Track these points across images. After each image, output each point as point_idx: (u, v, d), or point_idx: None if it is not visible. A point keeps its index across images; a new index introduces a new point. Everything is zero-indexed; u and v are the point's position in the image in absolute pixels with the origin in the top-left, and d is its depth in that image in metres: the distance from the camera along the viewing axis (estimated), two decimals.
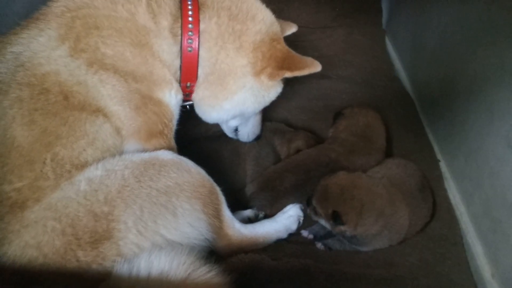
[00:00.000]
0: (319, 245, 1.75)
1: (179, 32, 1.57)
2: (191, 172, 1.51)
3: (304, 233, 1.81)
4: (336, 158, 1.92)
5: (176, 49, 1.59)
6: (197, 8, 1.58)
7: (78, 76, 1.43)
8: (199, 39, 1.59)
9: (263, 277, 1.55)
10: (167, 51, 1.59)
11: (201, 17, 1.59)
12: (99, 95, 1.46)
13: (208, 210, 1.50)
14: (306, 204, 1.74)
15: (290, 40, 3.04)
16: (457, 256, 1.76)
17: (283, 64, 1.64)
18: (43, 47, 1.42)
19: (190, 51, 1.59)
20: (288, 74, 1.64)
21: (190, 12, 1.56)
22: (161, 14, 1.56)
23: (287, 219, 1.80)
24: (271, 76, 1.65)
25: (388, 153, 2.12)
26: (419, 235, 1.80)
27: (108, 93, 1.48)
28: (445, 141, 2.17)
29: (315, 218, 1.73)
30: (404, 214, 1.68)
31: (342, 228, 1.60)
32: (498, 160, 1.66)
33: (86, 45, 1.45)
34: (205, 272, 1.31)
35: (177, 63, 1.62)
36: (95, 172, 1.38)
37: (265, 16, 1.70)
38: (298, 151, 2.03)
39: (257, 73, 1.67)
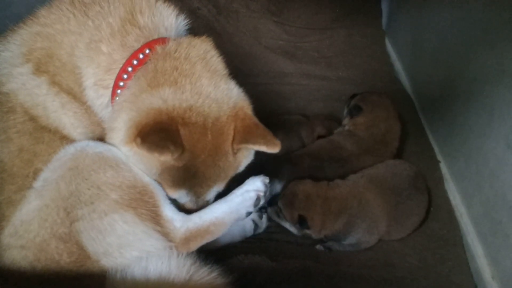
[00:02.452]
0: (318, 246, 1.75)
1: (111, 84, 1.37)
2: (119, 169, 1.32)
3: (319, 247, 1.78)
4: (347, 157, 1.96)
5: (100, 102, 1.40)
6: (139, 65, 1.36)
7: (37, 97, 1.35)
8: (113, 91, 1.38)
9: (262, 278, 1.55)
10: (90, 102, 1.41)
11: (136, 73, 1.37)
12: (61, 123, 1.39)
13: (144, 216, 1.33)
14: (268, 204, 1.76)
15: (290, 41, 3.06)
16: (457, 257, 1.76)
17: (143, 132, 1.23)
18: (5, 63, 1.37)
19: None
20: (136, 147, 1.24)
21: (129, 68, 1.35)
22: (92, 60, 1.37)
23: (241, 195, 1.51)
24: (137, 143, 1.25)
25: None
26: (419, 236, 1.80)
27: (71, 121, 1.40)
28: (445, 142, 2.17)
29: (276, 219, 1.76)
30: (378, 205, 1.72)
31: (308, 231, 1.70)
32: (498, 161, 1.65)
33: (46, 68, 1.37)
34: (207, 273, 1.30)
35: (105, 113, 1.43)
36: (43, 176, 1.31)
37: (198, 95, 1.32)
38: (319, 137, 2.12)
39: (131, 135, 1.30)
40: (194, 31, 2.98)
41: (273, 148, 1.37)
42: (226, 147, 1.36)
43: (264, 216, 1.77)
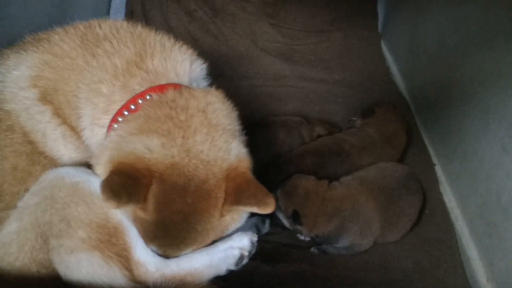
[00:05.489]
0: (313, 248, 1.75)
1: (106, 123, 1.32)
2: (92, 205, 1.26)
3: (301, 237, 1.80)
4: (348, 150, 1.96)
5: (95, 140, 1.36)
6: (136, 111, 1.30)
7: (38, 123, 1.34)
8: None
9: (258, 282, 1.55)
10: (88, 141, 1.38)
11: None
12: (58, 153, 1.37)
13: (111, 259, 1.27)
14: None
15: (287, 44, 3.07)
16: (452, 259, 1.76)
17: (114, 170, 1.19)
18: (12, 82, 1.35)
19: None
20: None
21: (126, 112, 1.29)
22: (90, 101, 1.32)
23: (224, 251, 1.40)
24: None
25: None
26: (414, 238, 1.80)
27: (70, 155, 1.38)
28: (440, 145, 2.18)
29: None
30: (370, 207, 1.71)
31: (299, 227, 1.70)
32: (493, 163, 1.66)
33: (51, 99, 1.35)
34: None
35: None
36: (25, 198, 1.29)
37: (187, 153, 1.21)
38: (319, 136, 2.13)
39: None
40: (190, 34, 3.00)
41: (265, 209, 1.22)
42: (212, 211, 1.25)
43: (267, 222, 1.75)
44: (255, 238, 1.46)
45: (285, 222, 1.74)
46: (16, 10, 1.91)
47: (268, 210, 1.21)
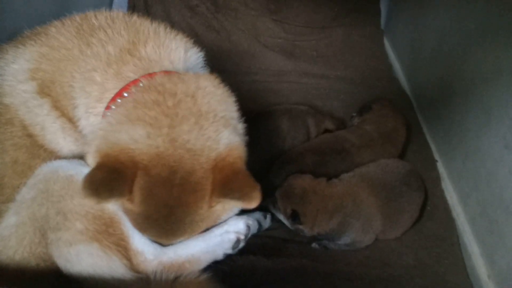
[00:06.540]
0: (314, 244, 1.76)
1: (101, 112, 1.30)
2: None
3: (314, 245, 1.78)
4: (348, 148, 1.96)
5: (91, 129, 1.33)
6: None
7: (36, 116, 1.34)
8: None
9: (258, 277, 1.55)
10: (85, 131, 1.35)
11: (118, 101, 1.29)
12: (57, 146, 1.37)
13: (110, 249, 1.26)
14: (268, 193, 1.73)
15: (289, 40, 3.06)
16: (453, 256, 1.76)
17: (98, 164, 1.17)
18: (11, 76, 1.35)
19: None
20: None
21: (119, 100, 1.26)
22: (84, 90, 1.31)
23: (220, 235, 1.40)
24: None
25: None
26: (416, 235, 1.80)
27: (70, 147, 1.38)
28: (442, 142, 2.18)
29: (272, 209, 1.76)
30: (371, 204, 1.71)
31: (300, 227, 1.69)
32: (495, 161, 1.66)
33: (49, 92, 1.35)
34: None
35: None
36: (22, 191, 1.29)
37: (172, 143, 1.17)
38: (326, 130, 2.13)
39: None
40: (192, 29, 2.99)
41: (249, 203, 1.17)
42: (199, 203, 1.22)
43: (268, 216, 1.76)
44: (250, 221, 1.46)
45: (287, 223, 1.74)
46: (18, 6, 1.91)
47: (252, 204, 1.17)
